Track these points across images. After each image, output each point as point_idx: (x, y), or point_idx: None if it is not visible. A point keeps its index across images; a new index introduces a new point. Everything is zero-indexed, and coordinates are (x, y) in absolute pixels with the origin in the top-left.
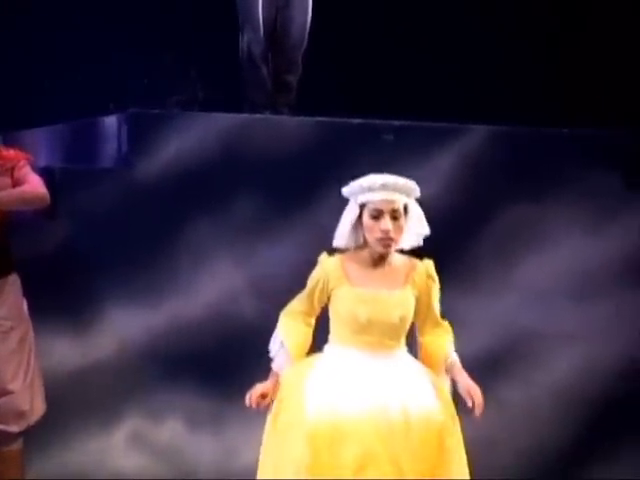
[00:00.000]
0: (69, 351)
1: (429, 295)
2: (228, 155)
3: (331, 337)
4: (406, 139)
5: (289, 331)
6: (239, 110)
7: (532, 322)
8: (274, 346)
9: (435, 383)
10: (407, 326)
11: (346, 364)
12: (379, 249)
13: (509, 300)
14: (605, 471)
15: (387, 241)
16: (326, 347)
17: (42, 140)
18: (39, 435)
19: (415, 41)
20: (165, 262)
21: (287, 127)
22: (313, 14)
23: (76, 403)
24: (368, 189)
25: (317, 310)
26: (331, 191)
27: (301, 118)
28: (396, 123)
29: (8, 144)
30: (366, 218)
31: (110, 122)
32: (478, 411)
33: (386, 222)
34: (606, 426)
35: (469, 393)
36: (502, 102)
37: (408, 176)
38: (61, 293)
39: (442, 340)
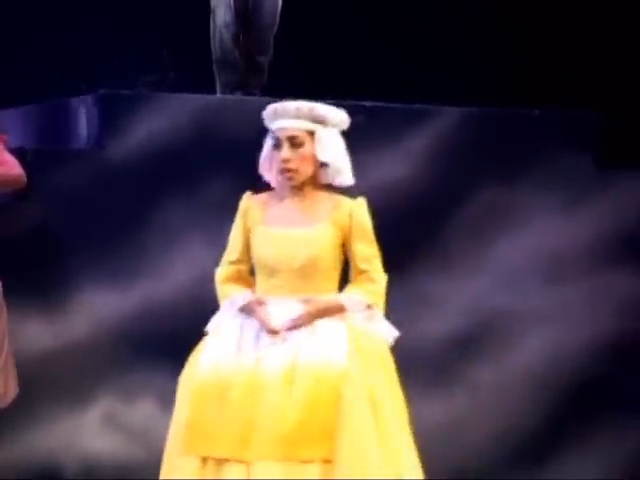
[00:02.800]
0: (41, 333)
1: (350, 236)
2: (200, 136)
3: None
4: (378, 121)
5: (242, 290)
6: (211, 91)
7: (505, 304)
8: (232, 308)
9: (346, 332)
10: (323, 269)
11: (244, 316)
12: (283, 182)
13: (482, 282)
14: (577, 452)
15: (287, 172)
16: None
17: (14, 121)
18: (10, 417)
19: (387, 22)
20: (137, 243)
21: (259, 108)
22: None
23: (48, 385)
24: (267, 117)
25: (250, 259)
26: None
27: (273, 99)
28: (368, 104)
29: None
30: (268, 149)
31: (81, 103)
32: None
33: (284, 150)
34: (578, 407)
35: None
36: (473, 83)
37: (380, 158)
38: (33, 274)
39: (351, 286)
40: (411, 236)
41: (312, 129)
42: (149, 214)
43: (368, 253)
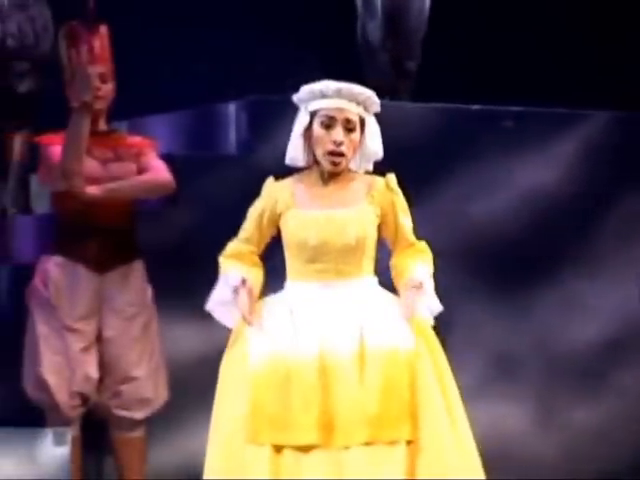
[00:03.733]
0: (191, 338)
1: (394, 211)
2: None
3: (287, 273)
4: (526, 125)
5: (241, 269)
6: None
7: None
8: (226, 287)
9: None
10: (367, 249)
11: (295, 301)
12: (327, 166)
13: (630, 287)
14: None
15: (336, 156)
16: (285, 285)
17: (163, 127)
18: (161, 422)
19: (535, 27)
20: None
21: (406, 113)
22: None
23: (199, 390)
24: (320, 94)
25: (263, 244)
26: (451, 178)
27: (421, 104)
28: (516, 109)
29: (133, 131)
30: (317, 127)
31: (230, 109)
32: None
33: (338, 132)
34: None
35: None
36: (623, 87)
37: (528, 163)
38: (183, 279)
39: (410, 260)
40: (560, 240)
41: (363, 115)
42: None
43: (410, 226)
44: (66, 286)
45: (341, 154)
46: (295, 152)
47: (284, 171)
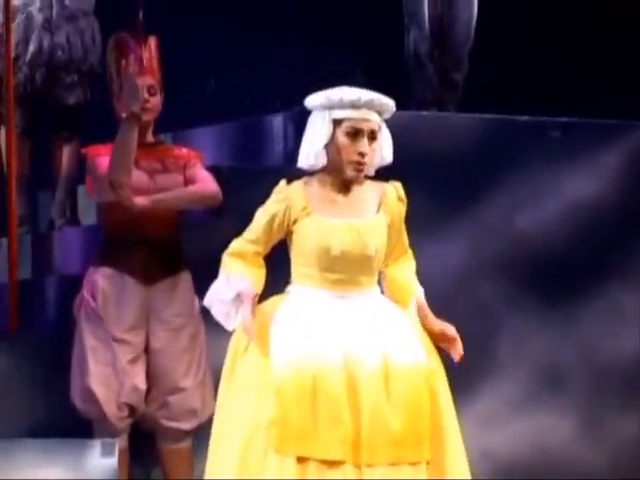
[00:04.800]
0: None
1: (401, 220)
2: (394, 152)
3: (294, 278)
4: (573, 136)
5: (244, 270)
6: (405, 107)
7: None
8: (227, 286)
9: (416, 326)
10: (380, 260)
11: (314, 309)
12: (350, 173)
13: None
14: None
15: (361, 165)
16: (289, 289)
17: (210, 139)
18: (207, 433)
19: (583, 38)
20: None
21: (453, 124)
22: (479, 11)
23: None
24: (350, 105)
25: (269, 247)
26: (497, 189)
27: (468, 115)
28: (563, 120)
29: (178, 142)
30: (341, 136)
31: (277, 120)
32: (458, 354)
33: (364, 144)
34: None
35: (446, 333)
36: None
37: (575, 173)
38: None
39: (407, 272)
40: (606, 251)
41: (380, 124)
42: None
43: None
44: (114, 297)
45: (364, 164)
46: (316, 159)
47: None
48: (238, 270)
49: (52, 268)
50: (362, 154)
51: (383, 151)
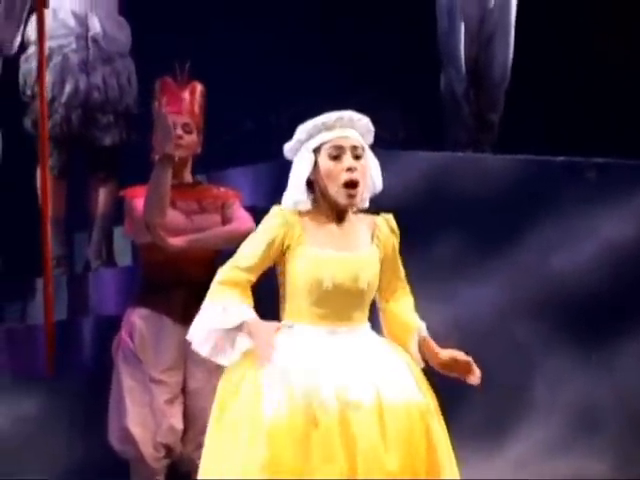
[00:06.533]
0: None
1: (395, 252)
2: (430, 193)
3: (284, 311)
4: (609, 177)
5: (243, 300)
6: (441, 148)
7: None
8: (224, 316)
9: (408, 361)
10: (372, 295)
11: (306, 347)
12: (343, 200)
13: None
14: None
15: (352, 188)
16: (284, 323)
17: (245, 179)
18: None
19: (618, 78)
20: None
21: (489, 165)
22: (515, 52)
23: None
24: (323, 127)
25: (259, 274)
26: (533, 230)
27: (503, 156)
28: (599, 161)
29: (212, 183)
30: (324, 161)
31: None
32: (476, 377)
33: (348, 159)
34: None
35: (457, 359)
36: None
37: (610, 214)
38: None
39: (407, 307)
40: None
41: (364, 146)
42: None
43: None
44: (151, 338)
45: (356, 183)
46: (300, 196)
47: None
48: (237, 299)
49: (88, 309)
50: (350, 169)
51: (372, 173)
